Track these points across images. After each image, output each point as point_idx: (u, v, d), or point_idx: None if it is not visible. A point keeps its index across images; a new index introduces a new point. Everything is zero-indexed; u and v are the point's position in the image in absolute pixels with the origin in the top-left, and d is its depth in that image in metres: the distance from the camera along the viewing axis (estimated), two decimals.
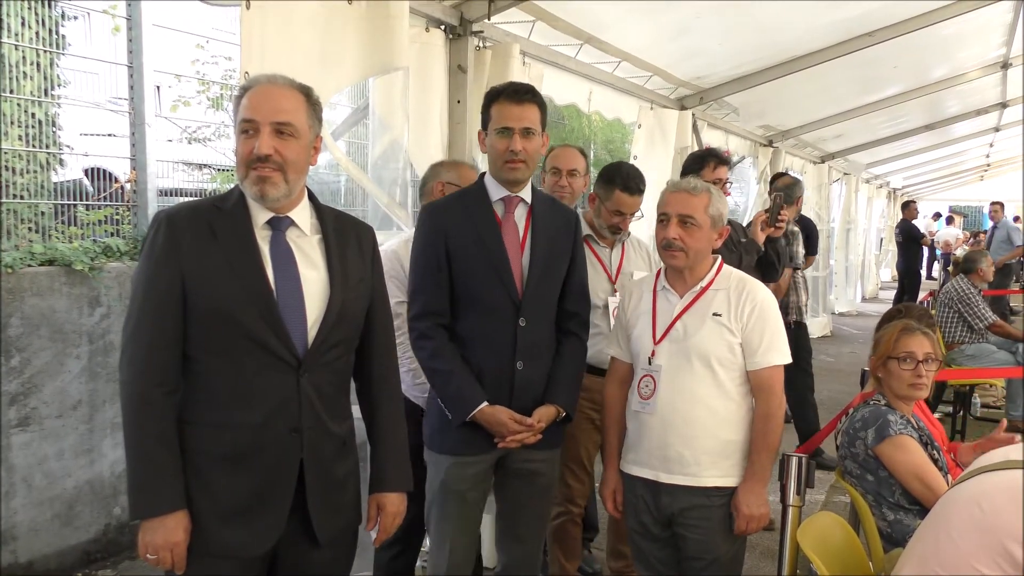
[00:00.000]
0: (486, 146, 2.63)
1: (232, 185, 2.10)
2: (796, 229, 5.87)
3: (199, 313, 1.93)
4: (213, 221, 1.96)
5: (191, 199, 2.08)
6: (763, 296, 2.59)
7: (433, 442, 2.68)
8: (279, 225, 2.01)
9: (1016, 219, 20.51)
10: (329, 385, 2.06)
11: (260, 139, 1.91)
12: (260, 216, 1.99)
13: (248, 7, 2.89)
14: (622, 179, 3.27)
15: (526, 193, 2.65)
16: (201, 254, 1.93)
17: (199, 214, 1.98)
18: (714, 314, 2.56)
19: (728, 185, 4.21)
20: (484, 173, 2.69)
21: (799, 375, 5.88)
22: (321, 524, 2.05)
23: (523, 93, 2.57)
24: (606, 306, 3.29)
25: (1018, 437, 2.97)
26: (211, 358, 1.95)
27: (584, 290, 2.80)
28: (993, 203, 11.84)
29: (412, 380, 3.00)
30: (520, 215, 2.64)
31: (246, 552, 1.98)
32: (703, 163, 4.02)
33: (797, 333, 5.88)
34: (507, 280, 2.55)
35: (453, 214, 2.62)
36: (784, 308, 5.68)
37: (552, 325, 2.71)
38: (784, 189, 5.81)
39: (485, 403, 2.53)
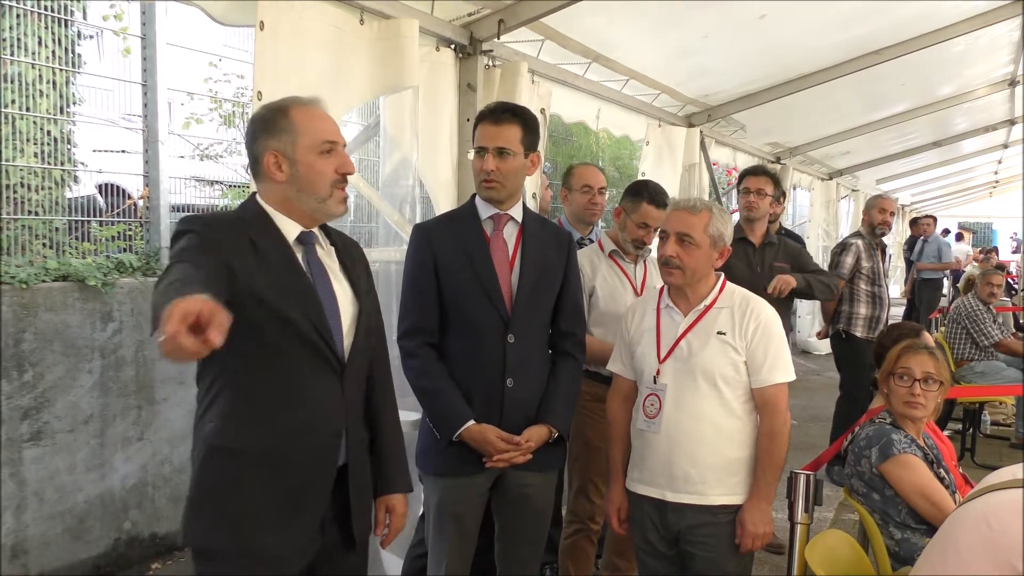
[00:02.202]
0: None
1: (240, 202, 2.15)
2: (853, 242, 5.94)
3: (257, 317, 1.92)
4: (250, 235, 1.98)
5: (217, 212, 2.08)
6: (767, 314, 2.59)
7: (426, 462, 2.69)
8: (308, 239, 2.07)
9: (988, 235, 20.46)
10: (359, 392, 2.14)
11: (344, 158, 2.03)
12: (291, 231, 2.04)
13: (262, 28, 2.93)
14: (649, 193, 3.38)
15: (516, 211, 2.67)
16: (247, 264, 1.93)
17: (233, 225, 1.99)
18: (718, 332, 2.57)
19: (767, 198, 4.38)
20: (476, 193, 2.72)
21: (847, 394, 5.88)
22: (358, 527, 2.12)
23: (503, 112, 2.59)
24: None
25: None
26: (265, 358, 1.96)
27: (579, 309, 2.82)
28: (925, 217, 11.76)
29: None
30: (510, 233, 2.66)
31: (284, 551, 2.00)
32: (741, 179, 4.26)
33: (844, 346, 5.92)
34: (495, 297, 2.57)
35: (441, 232, 2.65)
36: (836, 316, 5.89)
37: (544, 343, 2.72)
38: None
39: (472, 421, 2.53)
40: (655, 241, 3.40)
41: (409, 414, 3.36)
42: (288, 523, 1.98)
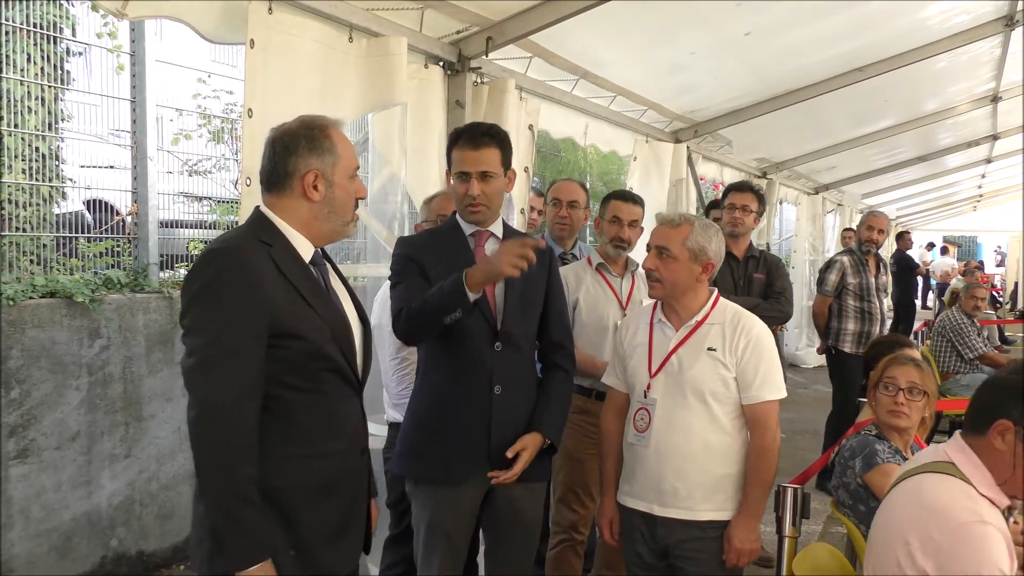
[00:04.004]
0: (450, 187, 2.70)
1: (234, 218, 2.16)
2: (839, 259, 6.06)
3: (298, 355, 1.94)
4: (273, 257, 1.96)
5: (235, 236, 2.02)
6: (758, 331, 2.61)
7: (411, 466, 2.66)
8: (318, 260, 2.09)
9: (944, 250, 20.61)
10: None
11: (361, 183, 2.08)
12: (306, 252, 2.04)
13: (252, 46, 2.95)
14: (616, 192, 3.60)
15: (496, 227, 2.70)
16: (283, 298, 1.93)
17: (261, 251, 1.95)
18: (709, 348, 2.59)
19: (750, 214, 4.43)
20: (455, 211, 2.73)
21: (838, 409, 5.93)
22: (371, 533, 2.23)
23: (480, 136, 2.60)
24: (616, 329, 3.35)
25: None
26: (299, 393, 1.97)
27: (566, 322, 2.85)
28: (845, 230, 11.68)
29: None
30: (491, 248, 2.67)
31: (340, 572, 2.06)
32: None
33: (834, 361, 6.02)
34: (483, 304, 2.56)
35: (427, 246, 2.67)
36: (827, 332, 6.00)
37: (531, 356, 2.74)
38: None
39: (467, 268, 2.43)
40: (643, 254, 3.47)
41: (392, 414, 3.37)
42: (343, 545, 2.05)
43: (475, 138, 2.60)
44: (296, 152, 1.99)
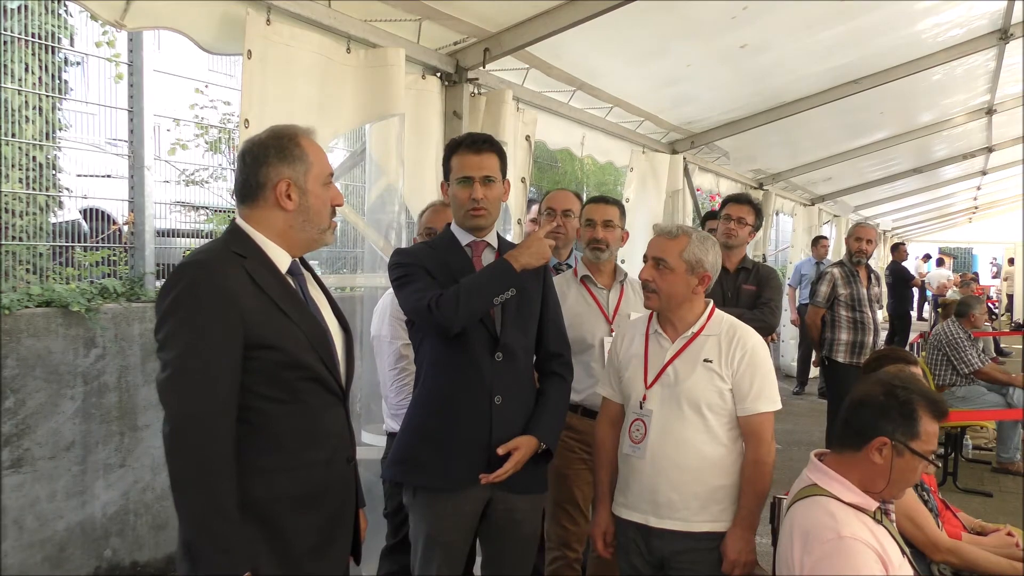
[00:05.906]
0: (449, 196, 2.70)
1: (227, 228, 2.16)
2: (830, 270, 6.17)
3: (274, 366, 1.93)
4: (246, 268, 1.95)
5: (208, 249, 2.02)
6: (754, 342, 2.61)
7: (405, 474, 2.66)
8: (297, 270, 2.08)
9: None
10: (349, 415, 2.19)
11: (337, 190, 2.08)
12: (282, 262, 2.03)
13: (249, 56, 2.96)
14: (589, 198, 3.61)
15: (492, 238, 2.71)
16: (256, 310, 1.92)
17: (235, 264, 1.94)
18: (705, 360, 2.59)
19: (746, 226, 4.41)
20: (450, 223, 2.74)
21: (831, 420, 5.97)
22: (356, 540, 2.20)
23: (481, 143, 2.64)
24: (601, 345, 3.31)
25: (1017, 539, 3.06)
26: (277, 404, 1.95)
27: (562, 331, 2.84)
28: (819, 237, 11.64)
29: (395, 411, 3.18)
30: (487, 258, 2.69)
31: None
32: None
33: (827, 371, 6.18)
34: (484, 317, 2.57)
35: (426, 257, 2.66)
36: (821, 343, 6.13)
37: (529, 367, 2.74)
38: None
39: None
40: (633, 270, 3.46)
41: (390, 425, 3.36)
42: (328, 554, 2.04)
43: (477, 144, 2.64)
44: (266, 162, 1.98)
